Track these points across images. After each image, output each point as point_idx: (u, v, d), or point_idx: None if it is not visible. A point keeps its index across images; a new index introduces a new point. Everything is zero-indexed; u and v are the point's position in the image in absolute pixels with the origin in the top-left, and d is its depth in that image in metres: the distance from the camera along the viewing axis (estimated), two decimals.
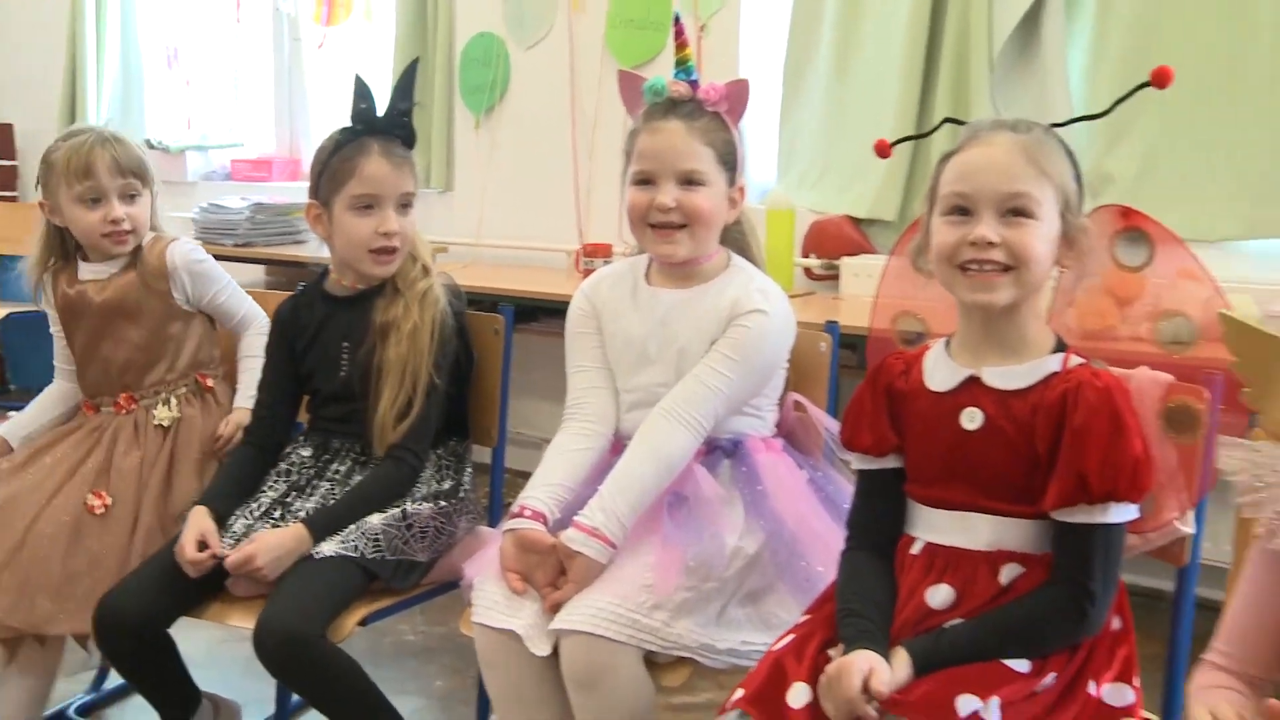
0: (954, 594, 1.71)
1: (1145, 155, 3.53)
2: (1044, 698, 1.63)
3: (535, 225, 4.82)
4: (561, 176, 4.75)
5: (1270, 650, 1.52)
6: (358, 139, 2.39)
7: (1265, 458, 1.50)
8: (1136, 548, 1.83)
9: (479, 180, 5.04)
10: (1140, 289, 2.40)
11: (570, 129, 4.73)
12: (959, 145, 1.72)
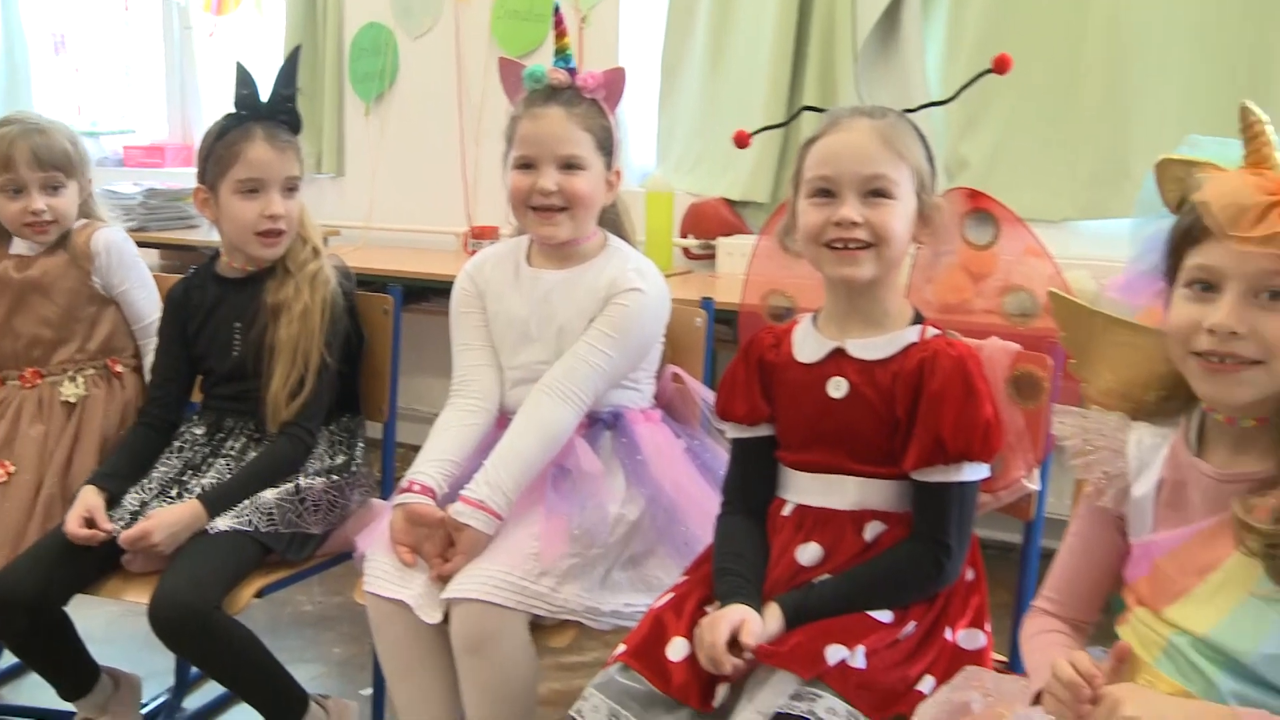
0: (822, 551, 1.75)
1: (995, 142, 3.66)
2: (905, 644, 1.68)
3: (425, 209, 4.79)
4: (450, 161, 4.72)
5: (1092, 596, 1.57)
6: (242, 125, 2.36)
7: (1094, 423, 1.55)
8: (988, 505, 1.88)
9: (370, 166, 4.99)
10: (992, 266, 2.47)
11: (458, 116, 4.70)
12: (820, 131, 1.75)
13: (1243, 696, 1.37)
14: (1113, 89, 3.47)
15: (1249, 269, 1.32)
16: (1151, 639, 1.45)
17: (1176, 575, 1.44)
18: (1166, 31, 3.38)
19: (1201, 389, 1.40)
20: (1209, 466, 1.43)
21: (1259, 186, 1.30)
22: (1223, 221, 1.30)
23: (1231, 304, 1.33)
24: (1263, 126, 1.34)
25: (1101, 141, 3.48)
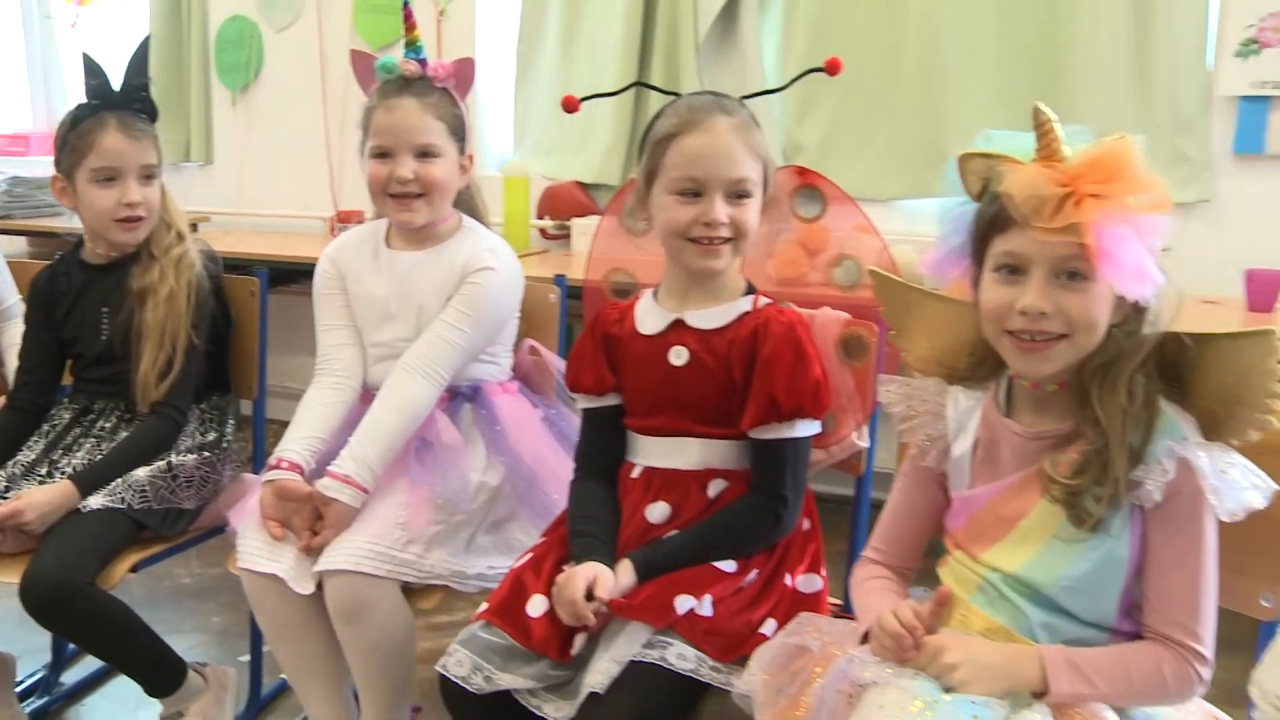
0: (670, 509, 1.77)
1: (827, 128, 3.76)
2: (748, 592, 1.72)
3: (293, 195, 4.71)
4: (315, 149, 4.64)
5: (915, 546, 1.62)
6: (95, 114, 2.29)
7: (916, 390, 1.60)
8: (822, 461, 1.92)
9: (238, 153, 4.89)
10: (825, 240, 2.51)
11: (322, 105, 4.62)
12: (679, 129, 1.73)
13: (1049, 625, 1.44)
14: (929, 80, 3.60)
15: (1051, 254, 1.37)
16: (968, 578, 1.51)
17: (991, 523, 1.50)
18: (973, 30, 3.54)
19: (1015, 364, 1.45)
20: (1018, 426, 1.49)
21: (1053, 179, 1.35)
22: (1026, 213, 1.35)
23: (1038, 286, 1.37)
24: (1052, 124, 1.38)
25: (921, 127, 3.61)
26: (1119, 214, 1.33)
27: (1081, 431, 1.42)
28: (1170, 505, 1.39)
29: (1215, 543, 1.40)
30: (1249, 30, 3.31)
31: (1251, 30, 3.30)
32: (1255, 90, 3.31)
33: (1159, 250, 1.37)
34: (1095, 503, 1.39)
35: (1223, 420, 1.42)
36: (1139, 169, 1.36)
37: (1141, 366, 1.41)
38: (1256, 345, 1.39)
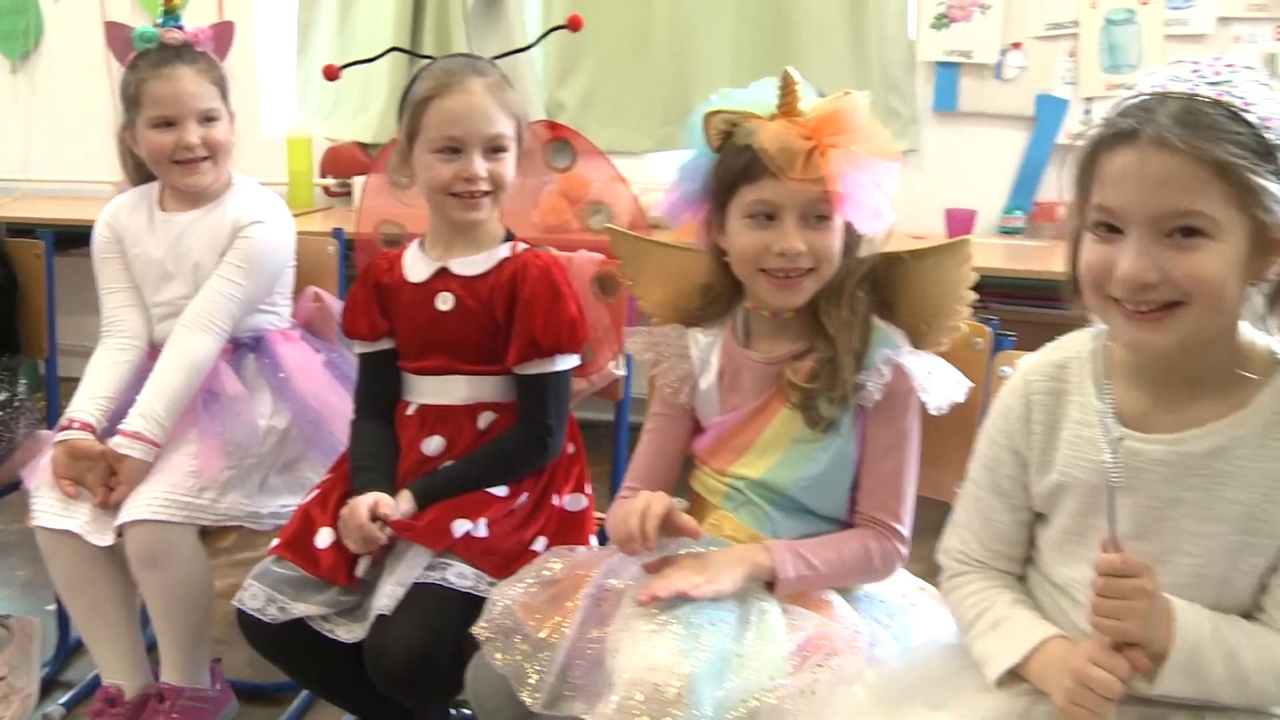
0: (444, 442, 1.75)
1: (586, 88, 3.74)
2: (520, 513, 1.71)
3: (81, 160, 4.40)
4: (102, 114, 4.32)
5: (669, 477, 1.61)
6: None
7: (659, 337, 1.59)
8: (584, 391, 1.92)
9: (21, 121, 4.53)
10: (585, 190, 2.51)
11: (106, 72, 4.32)
12: (436, 91, 1.68)
13: (789, 523, 1.48)
14: (677, 43, 3.63)
15: (801, 200, 1.39)
16: (717, 488, 1.54)
17: (738, 442, 1.52)
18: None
19: (770, 299, 1.47)
20: (757, 354, 1.52)
21: (800, 134, 1.38)
22: (781, 164, 1.37)
23: (792, 229, 1.40)
24: (795, 85, 1.40)
25: (670, 86, 3.64)
26: (855, 161, 1.38)
27: (814, 347, 1.46)
28: (886, 404, 1.45)
29: (918, 437, 1.48)
30: (941, 7, 3.48)
31: (943, 7, 3.48)
32: (948, 57, 3.50)
33: (890, 190, 1.42)
34: (828, 405, 1.44)
35: (923, 333, 1.51)
36: (866, 120, 1.41)
37: (860, 284, 1.47)
38: (956, 253, 1.50)
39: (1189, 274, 1.04)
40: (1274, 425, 1.11)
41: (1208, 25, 3.34)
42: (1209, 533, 1.13)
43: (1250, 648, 1.11)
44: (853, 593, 1.48)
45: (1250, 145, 1.03)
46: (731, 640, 1.29)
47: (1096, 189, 1.08)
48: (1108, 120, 1.08)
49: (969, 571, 1.28)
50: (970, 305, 1.51)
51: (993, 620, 1.22)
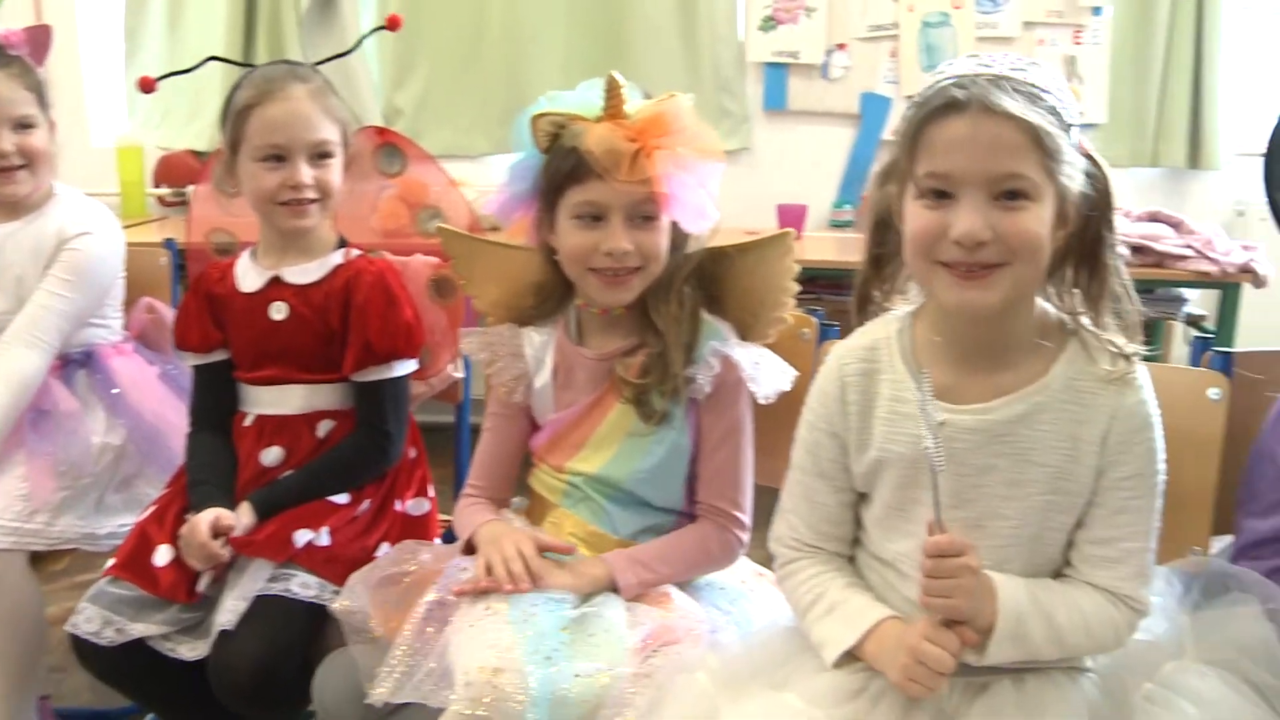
0: (283, 452, 1.71)
1: (422, 92, 3.72)
2: (362, 520, 1.69)
3: None
4: None
5: (509, 477, 1.62)
6: None
7: (494, 337, 1.58)
8: (423, 394, 1.91)
9: None
10: (424, 194, 2.48)
11: None
12: (257, 99, 1.64)
13: (627, 516, 1.50)
14: (511, 46, 3.65)
15: (627, 201, 1.41)
16: (556, 485, 1.54)
17: (574, 438, 1.53)
18: (548, 1, 3.61)
19: (600, 297, 1.48)
20: (590, 351, 1.53)
21: (625, 136, 1.39)
22: (608, 166, 1.38)
23: (619, 230, 1.41)
24: (620, 88, 1.42)
25: (506, 88, 3.65)
26: (680, 162, 1.40)
27: (645, 342, 1.48)
28: (717, 395, 1.48)
29: (750, 426, 1.52)
30: (768, 9, 3.57)
31: (769, 9, 3.57)
32: (776, 58, 3.59)
33: (714, 190, 1.45)
34: (660, 398, 1.46)
35: (751, 325, 1.55)
36: (691, 122, 1.43)
37: (688, 280, 1.50)
38: (778, 246, 1.54)
39: (1016, 232, 1.09)
40: (1071, 390, 1.17)
41: (1015, 29, 3.52)
42: (1020, 495, 1.18)
43: (1063, 607, 1.17)
44: (693, 582, 1.50)
45: (1054, 120, 1.10)
46: (569, 630, 1.30)
47: (925, 158, 1.12)
48: (924, 97, 1.13)
49: (801, 557, 1.31)
50: (795, 296, 1.56)
51: (828, 605, 1.25)
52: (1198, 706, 1.15)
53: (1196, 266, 2.92)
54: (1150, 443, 1.18)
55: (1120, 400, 1.17)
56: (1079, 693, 1.19)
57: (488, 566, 1.38)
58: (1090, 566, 1.20)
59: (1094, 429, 1.17)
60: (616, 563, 1.43)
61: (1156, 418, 1.19)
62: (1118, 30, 3.55)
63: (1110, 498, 1.18)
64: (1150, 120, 3.61)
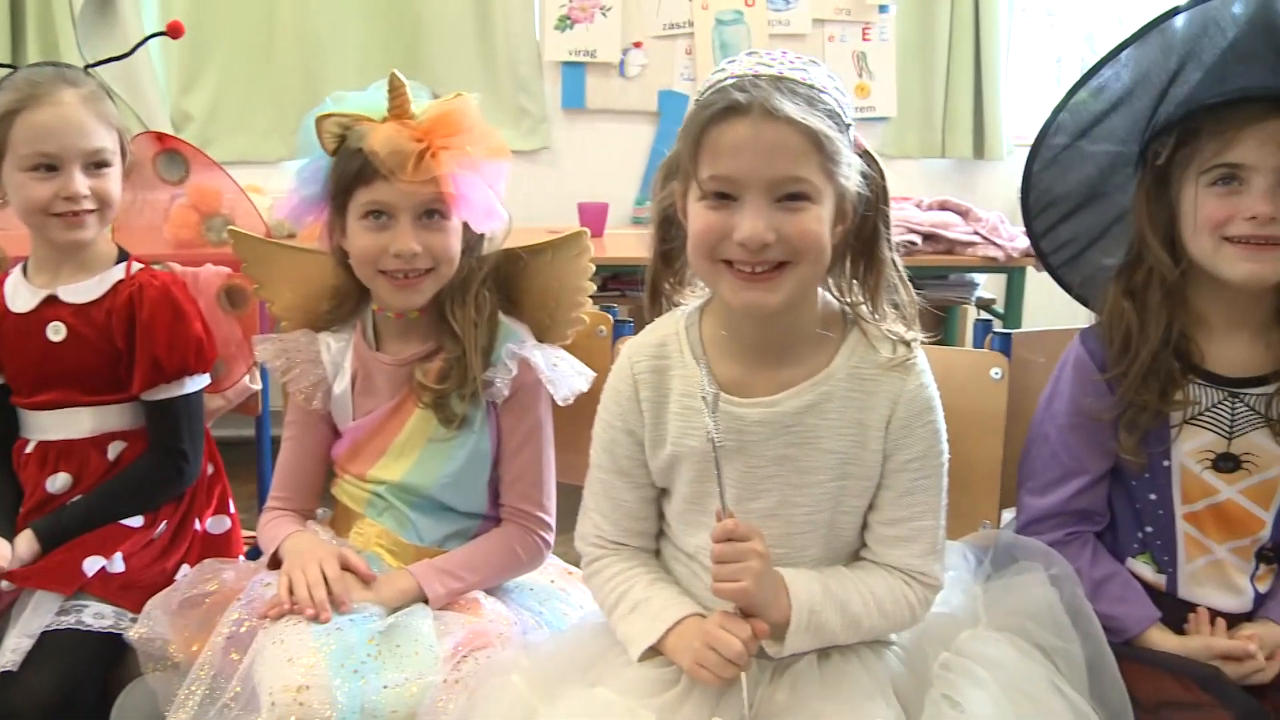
0: (71, 479, 1.63)
1: (213, 97, 3.60)
2: (159, 542, 1.63)
3: None
4: None
5: (312, 488, 1.59)
6: None
7: (289, 343, 1.56)
8: (221, 409, 1.85)
9: None
10: (217, 202, 2.40)
11: None
12: (24, 103, 1.55)
13: (431, 523, 1.51)
14: (305, 49, 3.57)
15: (415, 201, 1.40)
16: (360, 495, 1.53)
17: (375, 445, 1.52)
18: (341, 2, 3.55)
19: (391, 301, 1.47)
20: (387, 357, 1.52)
21: (411, 136, 1.38)
22: (392, 167, 1.37)
23: (407, 231, 1.41)
24: (404, 87, 1.41)
25: (300, 91, 3.56)
26: (467, 162, 1.40)
27: (442, 346, 1.48)
28: (515, 397, 1.49)
29: (550, 427, 1.53)
30: (563, 9, 3.60)
31: (565, 9, 3.59)
32: (573, 57, 3.62)
33: (502, 190, 1.45)
34: (460, 402, 1.46)
35: (548, 326, 1.57)
36: (478, 122, 1.43)
37: (484, 283, 1.50)
38: (573, 246, 1.56)
39: (799, 233, 1.12)
40: (854, 378, 1.23)
41: (806, 26, 3.64)
42: (812, 483, 1.23)
43: (856, 594, 1.22)
44: (503, 585, 1.51)
45: (832, 122, 1.14)
46: (376, 642, 1.30)
47: (708, 161, 1.13)
48: (706, 100, 1.15)
49: (606, 555, 1.33)
50: (595, 295, 1.59)
51: (632, 603, 1.27)
52: (989, 670, 1.22)
53: (984, 252, 3.09)
54: (933, 425, 1.24)
55: (902, 385, 1.23)
56: (882, 665, 1.25)
57: (290, 586, 1.36)
58: (884, 547, 1.26)
59: (878, 414, 1.23)
60: (423, 573, 1.43)
61: (937, 400, 1.25)
62: (903, 27, 3.72)
63: (898, 480, 1.24)
64: (938, 113, 3.79)
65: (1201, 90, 1.28)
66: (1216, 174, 1.27)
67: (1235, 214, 1.26)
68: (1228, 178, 1.27)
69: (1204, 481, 1.35)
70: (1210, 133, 1.27)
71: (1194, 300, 1.36)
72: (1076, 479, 1.39)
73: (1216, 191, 1.28)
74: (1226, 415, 1.34)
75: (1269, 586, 1.38)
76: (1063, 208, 1.44)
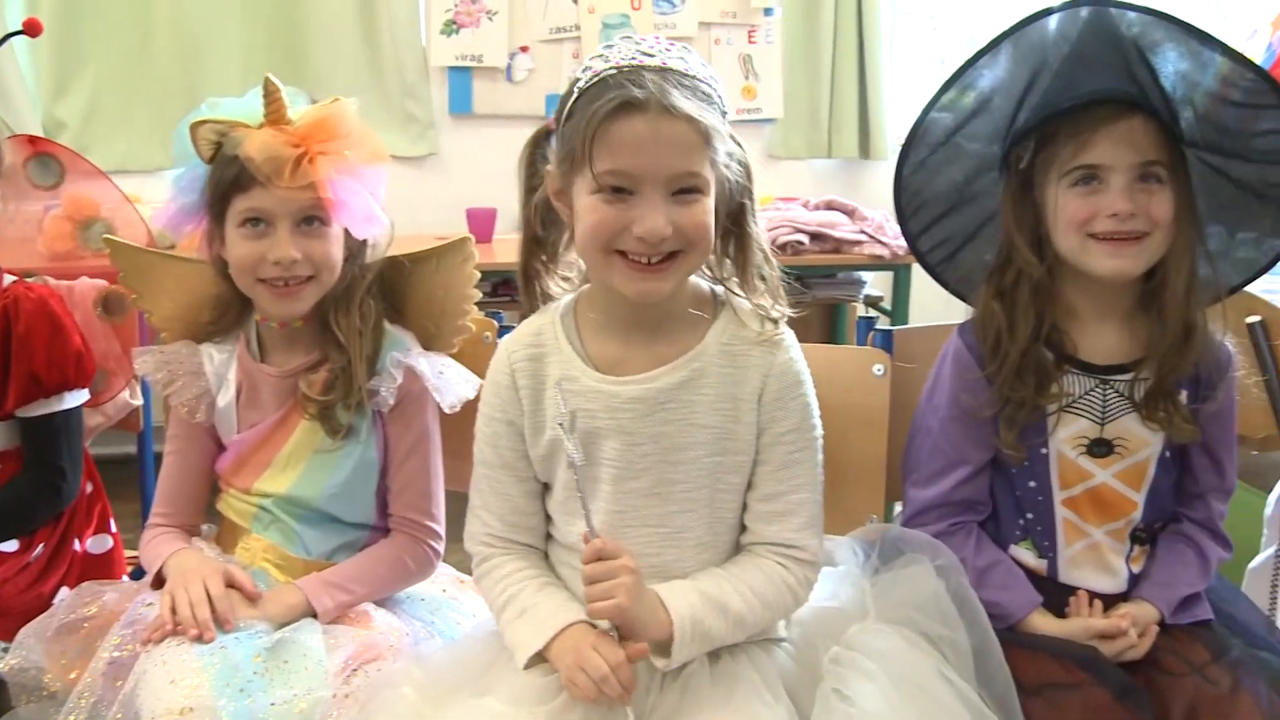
0: None
1: (88, 103, 3.48)
2: (36, 566, 1.58)
3: None
4: None
5: (198, 501, 1.56)
6: None
7: (170, 355, 1.53)
8: (101, 425, 1.81)
9: None
10: (95, 211, 2.35)
11: None
12: None
13: (319, 535, 1.48)
14: (183, 55, 3.48)
15: (293, 208, 1.38)
16: (245, 509, 1.50)
17: (260, 458, 1.49)
18: (219, 5, 3.46)
19: (272, 309, 1.45)
20: (272, 368, 1.49)
21: (287, 141, 1.36)
22: (269, 173, 1.34)
23: (286, 238, 1.38)
24: (279, 91, 1.39)
25: (181, 97, 3.45)
26: (345, 167, 1.38)
27: (327, 356, 1.46)
28: (401, 406, 1.48)
29: (438, 435, 1.53)
30: (449, 13, 3.57)
31: (451, 13, 3.57)
32: (460, 62, 3.60)
33: (381, 195, 1.44)
34: (345, 412, 1.44)
35: (434, 334, 1.56)
36: (356, 126, 1.41)
37: (369, 291, 1.48)
38: (457, 254, 1.56)
39: (693, 225, 1.16)
40: (726, 354, 1.26)
41: (692, 28, 3.68)
42: (690, 459, 1.25)
43: (734, 593, 1.24)
44: (393, 596, 1.49)
45: (716, 113, 1.17)
46: (263, 659, 1.27)
47: (605, 155, 1.14)
48: (594, 91, 1.16)
49: (495, 554, 1.33)
50: (480, 302, 1.58)
51: (520, 607, 1.27)
52: (877, 662, 1.24)
53: (871, 250, 3.16)
54: (804, 398, 1.28)
55: (772, 359, 1.27)
56: (772, 663, 1.27)
57: (173, 606, 1.33)
58: (763, 524, 1.28)
59: (750, 388, 1.26)
60: (311, 588, 1.41)
61: (807, 375, 1.29)
62: (788, 30, 3.77)
63: (774, 454, 1.27)
64: (824, 114, 3.85)
65: (1054, 96, 1.33)
66: (1076, 175, 1.33)
67: (1097, 212, 1.32)
68: (1087, 178, 1.33)
69: (1080, 467, 1.40)
70: (1067, 136, 1.32)
71: (1064, 293, 1.41)
72: (959, 470, 1.43)
73: (1078, 191, 1.33)
74: (1098, 402, 1.39)
75: (1142, 567, 1.43)
76: (934, 210, 1.48)
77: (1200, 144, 1.34)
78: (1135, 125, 1.30)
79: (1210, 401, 1.38)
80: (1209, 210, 1.38)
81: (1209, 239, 1.39)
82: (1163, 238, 1.32)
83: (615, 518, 1.26)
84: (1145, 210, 1.31)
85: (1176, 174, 1.33)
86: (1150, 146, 1.31)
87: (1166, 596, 1.39)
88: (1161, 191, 1.31)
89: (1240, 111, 1.29)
